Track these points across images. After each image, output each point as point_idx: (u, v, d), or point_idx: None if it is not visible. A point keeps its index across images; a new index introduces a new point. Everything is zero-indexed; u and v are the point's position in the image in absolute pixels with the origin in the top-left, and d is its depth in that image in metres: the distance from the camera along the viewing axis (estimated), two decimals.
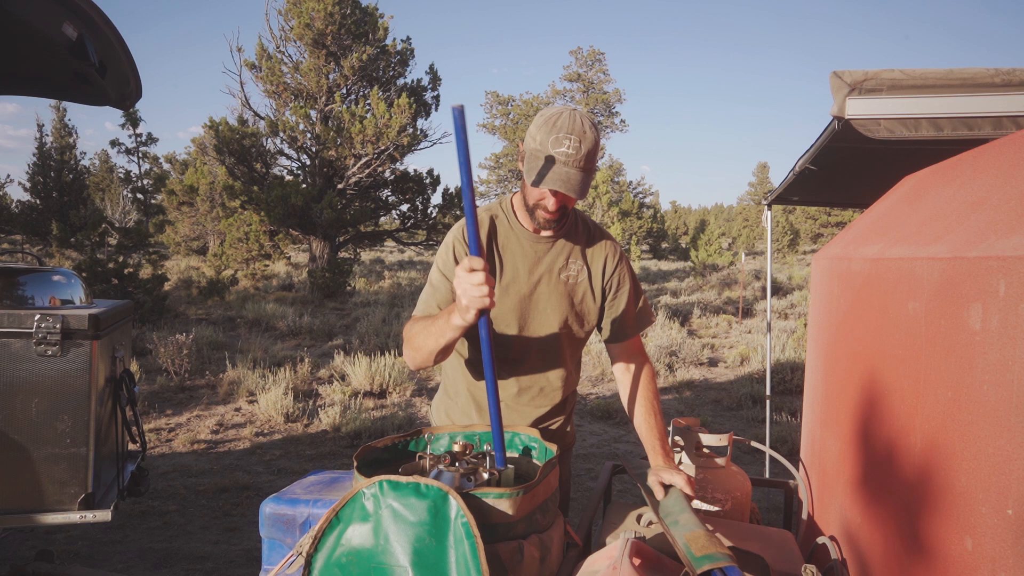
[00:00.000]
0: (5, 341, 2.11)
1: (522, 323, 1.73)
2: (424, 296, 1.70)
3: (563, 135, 1.50)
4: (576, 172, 1.52)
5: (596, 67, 40.36)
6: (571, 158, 1.50)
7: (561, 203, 1.60)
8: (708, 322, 12.00)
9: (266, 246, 15.01)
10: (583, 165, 1.52)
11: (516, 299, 1.71)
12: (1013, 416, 1.03)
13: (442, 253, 1.72)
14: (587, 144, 1.51)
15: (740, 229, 41.89)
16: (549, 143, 1.51)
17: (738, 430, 5.69)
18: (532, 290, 1.72)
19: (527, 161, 1.56)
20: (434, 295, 1.68)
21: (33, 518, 2.16)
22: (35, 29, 1.91)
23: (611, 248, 1.79)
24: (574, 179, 1.51)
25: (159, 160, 26.54)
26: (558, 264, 1.73)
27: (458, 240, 1.70)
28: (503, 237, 1.73)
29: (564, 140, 1.50)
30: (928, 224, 1.56)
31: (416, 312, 1.69)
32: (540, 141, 1.53)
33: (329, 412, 5.55)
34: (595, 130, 1.56)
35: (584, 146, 1.51)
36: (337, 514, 1.23)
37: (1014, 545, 1.02)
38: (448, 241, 1.72)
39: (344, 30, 14.11)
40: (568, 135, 1.50)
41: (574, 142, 1.50)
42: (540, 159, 1.53)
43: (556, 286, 1.73)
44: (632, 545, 1.24)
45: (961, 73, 1.85)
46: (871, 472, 1.67)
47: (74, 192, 23.17)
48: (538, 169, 1.52)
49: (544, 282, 1.72)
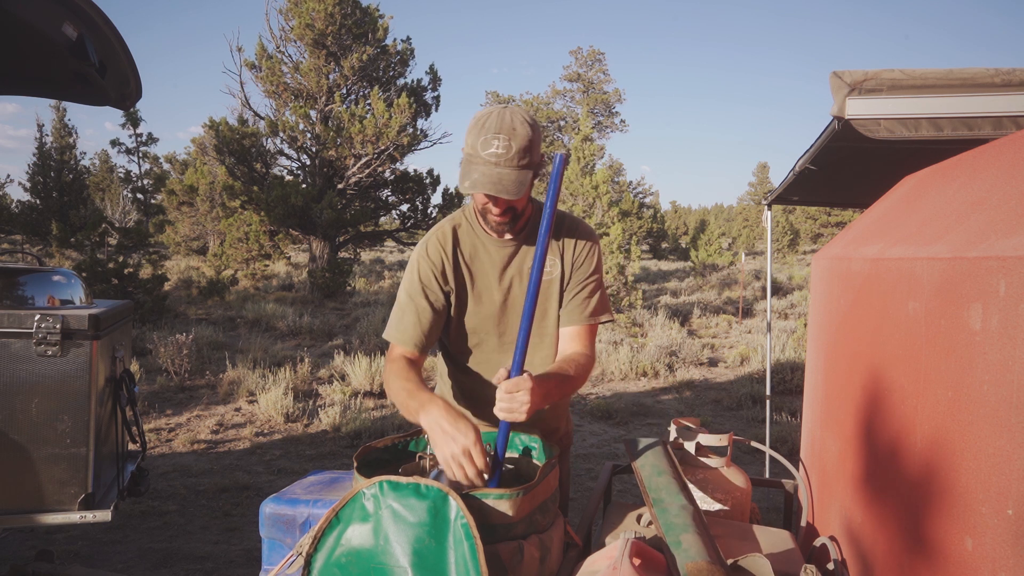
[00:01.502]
0: (5, 341, 2.11)
1: (501, 329, 1.72)
2: (393, 319, 1.66)
3: (491, 135, 1.45)
4: (509, 171, 1.46)
5: (596, 67, 40.36)
6: (501, 158, 1.45)
7: (506, 205, 1.55)
8: (708, 322, 12.00)
9: (266, 246, 15.01)
10: (516, 163, 1.46)
11: (491, 307, 1.70)
12: (1013, 416, 1.03)
13: (408, 273, 1.68)
14: (518, 141, 1.45)
15: (740, 229, 41.89)
16: (479, 145, 1.47)
17: (738, 430, 5.69)
18: (505, 296, 1.69)
19: (461, 167, 1.52)
20: (402, 317, 1.64)
21: (33, 518, 2.15)
22: (35, 29, 1.91)
23: (583, 237, 1.72)
24: (506, 179, 1.45)
25: (159, 160, 26.55)
26: (527, 265, 1.68)
27: (423, 258, 1.66)
28: (468, 246, 1.69)
29: (492, 140, 1.45)
30: (928, 224, 1.56)
31: (387, 334, 1.66)
32: (471, 144, 1.49)
33: (329, 412, 5.55)
34: (528, 126, 1.48)
35: (515, 143, 1.45)
36: (337, 514, 1.24)
37: (1014, 545, 1.02)
38: (413, 261, 1.68)
39: (344, 30, 14.11)
40: (496, 135, 1.45)
41: (503, 141, 1.44)
42: (472, 163, 1.48)
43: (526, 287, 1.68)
44: (632, 545, 1.24)
45: (961, 73, 1.85)
46: (871, 472, 1.67)
47: (74, 192, 23.18)
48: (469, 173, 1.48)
49: (516, 285, 1.69)
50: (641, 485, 1.64)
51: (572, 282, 1.70)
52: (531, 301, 1.38)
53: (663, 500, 1.53)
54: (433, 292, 1.65)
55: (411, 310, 1.63)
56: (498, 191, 1.44)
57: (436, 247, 1.67)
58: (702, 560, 1.27)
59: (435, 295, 1.65)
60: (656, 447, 1.86)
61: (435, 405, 1.36)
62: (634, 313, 11.66)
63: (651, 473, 1.69)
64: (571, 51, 42.05)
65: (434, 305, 1.64)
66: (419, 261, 1.66)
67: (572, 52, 40.61)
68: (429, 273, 1.65)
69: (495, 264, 1.68)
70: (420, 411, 1.38)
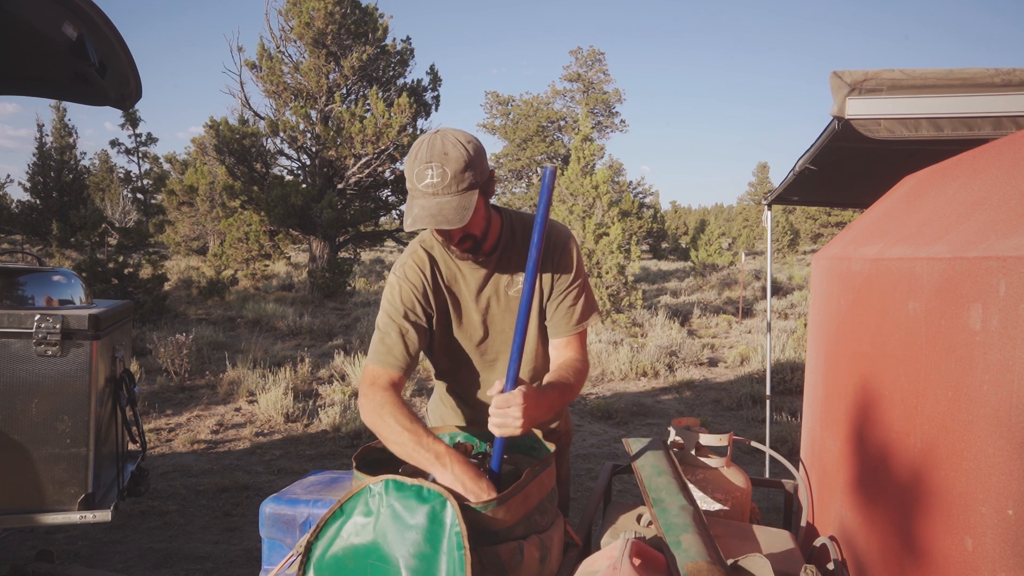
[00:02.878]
0: (5, 341, 2.11)
1: (482, 349, 1.71)
2: (374, 344, 1.59)
3: (423, 166, 1.40)
4: (448, 199, 1.40)
5: (596, 67, 40.35)
6: (437, 186, 1.39)
7: (460, 233, 1.49)
8: (708, 322, 12.00)
9: (266, 246, 15.02)
10: (456, 189, 1.40)
11: (470, 329, 1.69)
12: (1013, 416, 1.03)
13: (388, 298, 1.63)
14: (452, 165, 1.39)
15: (740, 229, 41.88)
16: (414, 177, 1.42)
17: (738, 430, 5.69)
18: (484, 315, 1.68)
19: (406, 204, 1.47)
20: (384, 340, 1.58)
21: (33, 518, 2.16)
22: (35, 29, 1.91)
23: (557, 244, 1.66)
24: (446, 208, 1.39)
25: (159, 160, 26.56)
26: (503, 282, 1.66)
27: (403, 281, 1.62)
28: (445, 268, 1.65)
29: (426, 171, 1.40)
30: (928, 224, 1.56)
31: (369, 361, 1.57)
32: (408, 178, 1.44)
33: (329, 412, 5.55)
34: (461, 146, 1.42)
35: (449, 168, 1.39)
36: (342, 506, 1.25)
37: (1014, 545, 1.02)
38: (392, 285, 1.64)
39: (344, 30, 14.11)
40: (428, 164, 1.40)
41: (436, 169, 1.39)
42: (412, 198, 1.44)
43: (508, 303, 1.67)
44: (632, 545, 1.24)
45: (961, 73, 1.85)
46: (871, 472, 1.67)
47: (74, 192, 23.18)
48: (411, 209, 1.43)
49: (493, 304, 1.67)
50: (641, 485, 1.65)
51: (554, 292, 1.67)
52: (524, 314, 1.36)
53: (663, 500, 1.53)
54: (415, 314, 1.60)
55: (395, 332, 1.57)
56: (438, 223, 1.38)
57: (415, 270, 1.63)
58: (702, 560, 1.27)
59: (417, 317, 1.60)
60: (656, 447, 1.86)
61: (454, 461, 1.31)
62: (634, 313, 11.66)
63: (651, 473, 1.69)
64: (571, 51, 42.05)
65: (417, 327, 1.59)
66: (399, 284, 1.62)
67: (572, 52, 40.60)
68: (411, 295, 1.61)
69: (470, 285, 1.66)
70: (437, 464, 1.31)
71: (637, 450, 1.86)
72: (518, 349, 1.37)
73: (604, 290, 11.23)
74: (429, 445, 1.35)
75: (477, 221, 1.50)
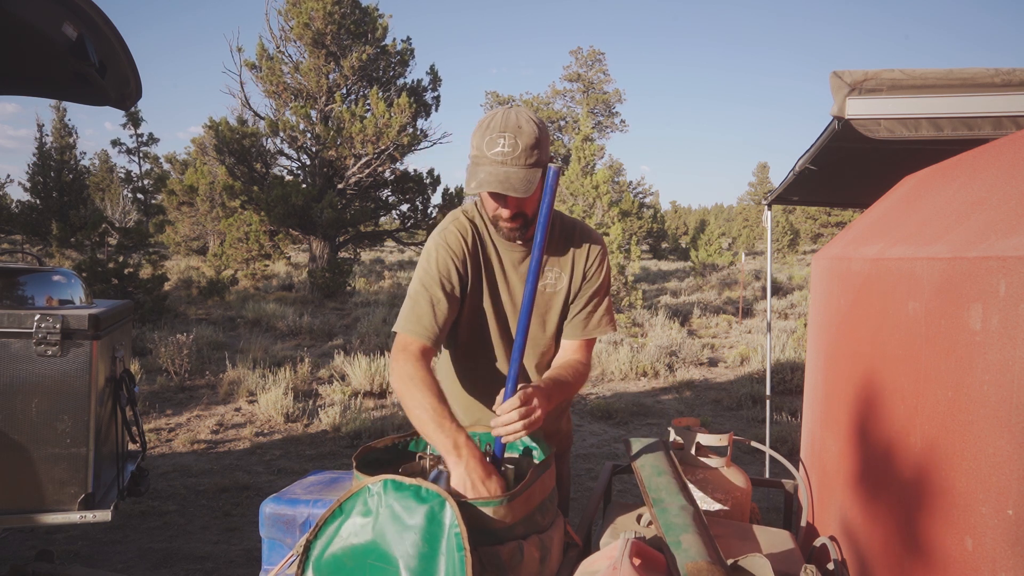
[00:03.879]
0: (5, 341, 2.11)
1: (505, 329, 1.71)
2: (405, 310, 1.58)
3: (496, 134, 1.43)
4: (516, 170, 1.43)
5: (596, 67, 40.34)
6: (507, 156, 1.42)
7: (516, 209, 1.51)
8: (708, 322, 12.00)
9: (266, 246, 15.01)
10: (523, 162, 1.43)
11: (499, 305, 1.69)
12: (1013, 416, 1.03)
13: (424, 263, 1.60)
14: (524, 139, 1.43)
15: (740, 229, 41.88)
16: (484, 145, 1.44)
17: (738, 430, 5.69)
18: (512, 295, 1.68)
19: (467, 171, 1.49)
20: (415, 308, 1.56)
21: (33, 518, 2.15)
22: (35, 29, 1.91)
23: (593, 248, 1.69)
24: (514, 177, 1.42)
25: (159, 160, 26.54)
26: None
27: (441, 247, 1.59)
28: (485, 241, 1.65)
29: (498, 140, 1.43)
30: (928, 224, 1.56)
31: (398, 327, 1.56)
32: (476, 146, 1.47)
33: (329, 412, 5.55)
34: (534, 124, 1.46)
35: (521, 141, 1.42)
36: (341, 505, 1.25)
37: (1014, 545, 1.02)
38: (430, 250, 1.61)
39: (344, 30, 14.11)
40: (502, 133, 1.43)
41: (509, 139, 1.42)
42: (478, 164, 1.46)
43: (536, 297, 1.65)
44: (632, 545, 1.24)
45: (961, 73, 1.85)
46: (871, 472, 1.67)
47: (74, 192, 23.16)
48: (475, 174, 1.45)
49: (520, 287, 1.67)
50: (641, 485, 1.65)
51: (580, 296, 1.68)
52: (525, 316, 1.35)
53: (663, 500, 1.53)
54: (450, 283, 1.57)
55: (425, 301, 1.55)
56: (505, 189, 1.41)
57: (456, 237, 1.60)
58: (702, 560, 1.27)
59: (452, 286, 1.57)
60: (656, 447, 1.86)
61: (470, 455, 1.31)
62: (634, 313, 11.66)
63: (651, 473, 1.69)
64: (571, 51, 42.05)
65: (450, 297, 1.56)
66: (437, 250, 1.59)
67: (572, 52, 40.60)
68: (448, 263, 1.57)
69: (506, 264, 1.66)
70: (452, 453, 1.31)
71: (637, 450, 1.86)
72: (518, 354, 1.36)
73: None
74: (450, 431, 1.33)
75: (532, 201, 1.52)
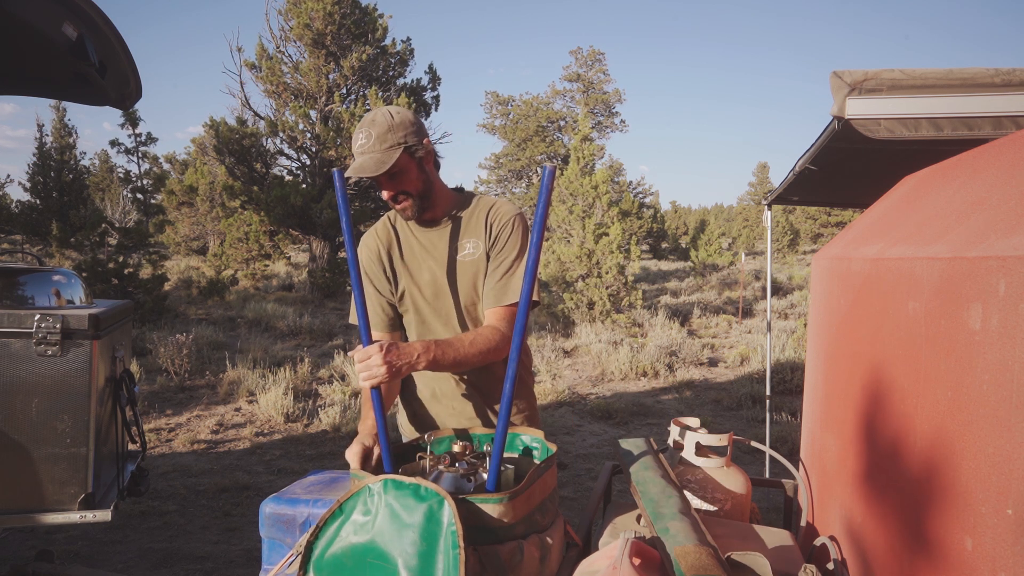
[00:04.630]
0: (5, 341, 2.11)
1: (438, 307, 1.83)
2: None
3: (358, 132, 1.68)
4: (372, 155, 1.65)
5: (596, 67, 40.32)
6: (364, 146, 1.66)
7: (393, 189, 1.72)
8: (708, 322, 12.00)
9: (266, 246, 15.01)
10: (379, 147, 1.65)
11: (426, 287, 1.82)
12: (1013, 416, 1.03)
13: None
14: (377, 128, 1.65)
15: (740, 229, 41.86)
16: (354, 144, 1.69)
17: (738, 430, 5.69)
18: (434, 278, 1.81)
19: None
20: None
21: (33, 518, 2.15)
22: (35, 29, 1.91)
23: (503, 215, 1.81)
24: (368, 163, 1.65)
25: (159, 160, 26.51)
26: (452, 247, 1.81)
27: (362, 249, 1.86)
28: (404, 237, 1.86)
29: (358, 136, 1.67)
30: (928, 224, 1.56)
31: None
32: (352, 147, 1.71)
33: (329, 412, 5.55)
34: (389, 115, 1.68)
35: (374, 131, 1.65)
36: (341, 505, 1.25)
37: (1014, 545, 1.02)
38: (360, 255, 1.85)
39: (344, 30, 14.11)
40: (360, 130, 1.67)
41: (364, 132, 1.66)
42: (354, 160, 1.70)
43: (458, 268, 1.80)
44: (632, 545, 1.24)
45: (961, 73, 1.85)
46: (871, 472, 1.67)
47: (74, 192, 23.13)
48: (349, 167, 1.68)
49: (447, 267, 1.81)
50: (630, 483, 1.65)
51: (492, 261, 1.79)
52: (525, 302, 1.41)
53: (649, 492, 1.54)
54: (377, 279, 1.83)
55: None
56: (358, 173, 1.64)
57: (372, 237, 1.87)
58: (690, 544, 1.27)
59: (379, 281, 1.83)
60: (640, 446, 1.87)
61: None
62: (634, 313, 11.66)
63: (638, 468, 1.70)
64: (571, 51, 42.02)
65: (379, 290, 1.83)
66: (359, 252, 1.84)
67: (572, 52, 40.57)
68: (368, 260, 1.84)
69: (425, 249, 1.83)
70: None
71: (625, 449, 1.87)
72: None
73: (604, 290, 11.23)
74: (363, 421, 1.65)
75: (410, 180, 1.72)
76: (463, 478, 1.40)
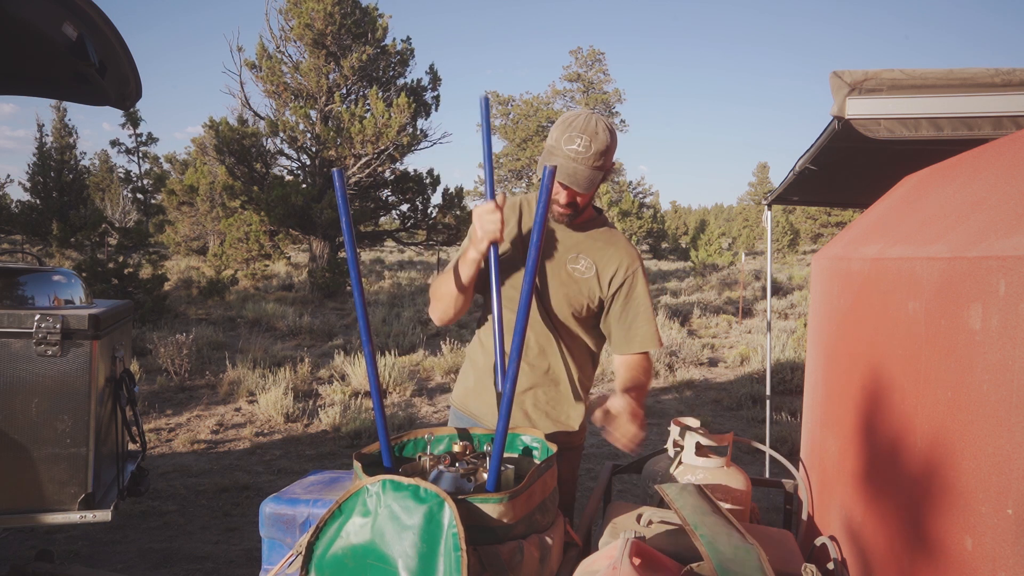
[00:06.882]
0: (5, 341, 2.11)
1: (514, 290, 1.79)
2: None
3: (575, 134, 1.62)
4: (584, 168, 1.62)
5: (596, 67, 40.34)
6: (580, 155, 1.61)
7: (571, 198, 1.69)
8: (708, 322, 12.00)
9: (266, 246, 15.00)
10: (592, 163, 1.62)
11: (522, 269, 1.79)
12: (1013, 416, 1.03)
13: None
14: (597, 144, 1.61)
15: (740, 229, 41.85)
16: (562, 140, 1.63)
17: (738, 430, 5.69)
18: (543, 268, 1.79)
19: (542, 157, 1.68)
20: None
21: (33, 518, 2.15)
22: (35, 29, 1.91)
23: (627, 259, 1.81)
24: (580, 174, 1.62)
25: (159, 160, 26.52)
26: (568, 253, 1.80)
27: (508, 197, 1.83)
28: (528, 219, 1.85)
29: (576, 139, 1.61)
30: (928, 224, 1.56)
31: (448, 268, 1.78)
32: (555, 139, 1.65)
33: (329, 412, 5.55)
34: (609, 133, 1.65)
35: (594, 145, 1.61)
36: (340, 506, 1.25)
37: (1014, 545, 1.02)
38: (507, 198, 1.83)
39: (344, 30, 14.10)
40: (580, 134, 1.61)
41: (584, 141, 1.61)
42: (552, 155, 1.65)
43: (559, 271, 1.79)
44: (632, 545, 1.24)
45: (961, 73, 1.85)
46: (871, 472, 1.67)
47: (74, 192, 23.16)
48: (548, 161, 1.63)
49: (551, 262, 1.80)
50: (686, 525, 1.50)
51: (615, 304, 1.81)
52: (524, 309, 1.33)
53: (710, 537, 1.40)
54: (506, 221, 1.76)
55: None
56: (571, 182, 1.62)
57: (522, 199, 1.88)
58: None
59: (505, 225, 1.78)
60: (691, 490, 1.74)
61: None
62: None
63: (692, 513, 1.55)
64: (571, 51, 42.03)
65: None
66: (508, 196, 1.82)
67: (572, 52, 40.60)
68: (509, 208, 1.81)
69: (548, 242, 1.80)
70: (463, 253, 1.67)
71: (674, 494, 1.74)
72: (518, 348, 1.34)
73: None
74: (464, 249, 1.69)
75: (588, 196, 1.73)
76: (463, 478, 1.40)
